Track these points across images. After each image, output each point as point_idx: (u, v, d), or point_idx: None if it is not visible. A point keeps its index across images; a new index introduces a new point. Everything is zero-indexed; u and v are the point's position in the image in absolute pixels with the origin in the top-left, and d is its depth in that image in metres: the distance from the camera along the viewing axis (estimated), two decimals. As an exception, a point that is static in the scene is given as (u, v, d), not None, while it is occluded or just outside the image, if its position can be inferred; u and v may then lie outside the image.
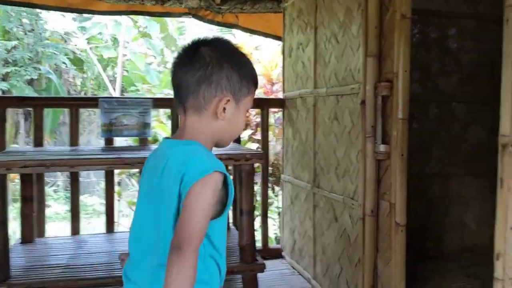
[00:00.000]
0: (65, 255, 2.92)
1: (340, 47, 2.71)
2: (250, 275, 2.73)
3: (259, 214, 3.81)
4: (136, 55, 9.81)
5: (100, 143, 3.47)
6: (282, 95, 3.81)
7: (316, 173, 3.04)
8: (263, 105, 3.74)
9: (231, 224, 3.46)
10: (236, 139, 3.56)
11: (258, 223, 3.82)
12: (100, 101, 3.30)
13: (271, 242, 5.06)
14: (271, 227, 5.56)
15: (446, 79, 3.61)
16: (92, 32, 9.61)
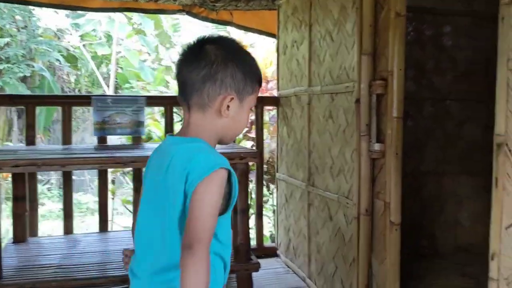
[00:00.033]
0: (57, 255, 2.90)
1: (334, 45, 2.69)
2: (244, 274, 2.72)
3: (254, 212, 3.79)
4: (130, 52, 9.75)
5: (94, 141, 3.45)
6: (276, 93, 3.79)
7: (311, 171, 3.02)
8: (257, 103, 3.71)
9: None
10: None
11: (253, 222, 3.81)
12: (93, 99, 3.27)
13: (266, 240, 5.05)
14: (266, 225, 5.55)
15: (441, 76, 3.60)
16: (85, 29, 9.55)
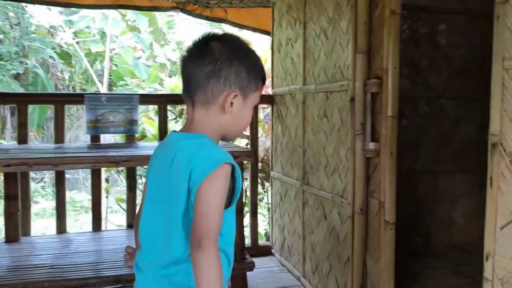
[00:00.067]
0: (50, 255, 2.87)
1: (329, 43, 2.68)
2: (239, 274, 2.71)
3: (249, 211, 3.78)
4: (124, 49, 9.69)
5: (88, 139, 3.42)
6: (271, 91, 3.77)
7: (306, 170, 3.01)
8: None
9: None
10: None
11: (248, 220, 3.80)
12: (86, 97, 3.25)
13: (261, 238, 5.03)
14: (261, 223, 5.53)
15: (436, 75, 3.59)
16: (79, 25, 9.47)
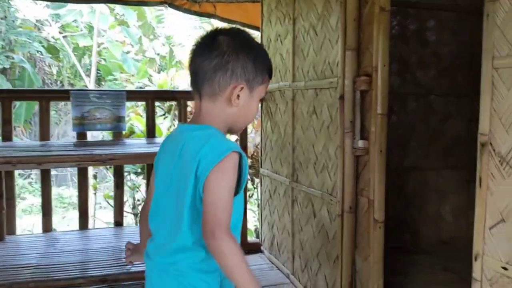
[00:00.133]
0: (36, 254, 2.84)
1: (318, 39, 2.65)
2: (227, 272, 2.69)
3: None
4: (113, 43, 9.58)
5: (76, 135, 3.37)
6: (260, 87, 3.73)
7: (295, 167, 2.99)
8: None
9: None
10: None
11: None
12: (72, 93, 3.19)
13: (250, 234, 5.03)
14: (251, 219, 5.52)
15: (425, 71, 3.58)
16: (66, 19, 9.34)
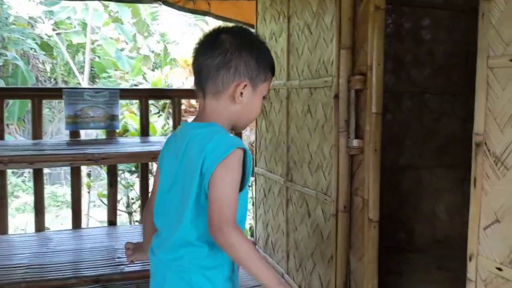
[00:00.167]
0: (28, 254, 2.81)
1: (313, 38, 2.63)
2: (221, 272, 2.67)
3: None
4: (107, 40, 9.52)
5: (69, 134, 3.34)
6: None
7: (289, 166, 2.98)
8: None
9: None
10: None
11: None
12: (64, 92, 3.16)
13: (245, 233, 5.02)
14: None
15: (420, 70, 3.58)
16: (60, 16, 9.26)
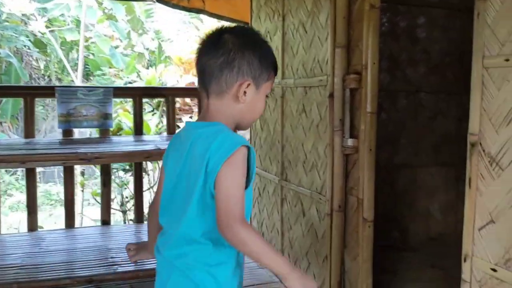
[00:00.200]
0: (20, 254, 2.78)
1: (308, 36, 2.62)
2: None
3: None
4: (101, 38, 9.45)
5: (62, 133, 3.30)
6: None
7: (284, 166, 2.96)
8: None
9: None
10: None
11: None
12: (57, 90, 3.13)
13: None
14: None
15: (415, 68, 3.57)
16: (53, 13, 9.19)
